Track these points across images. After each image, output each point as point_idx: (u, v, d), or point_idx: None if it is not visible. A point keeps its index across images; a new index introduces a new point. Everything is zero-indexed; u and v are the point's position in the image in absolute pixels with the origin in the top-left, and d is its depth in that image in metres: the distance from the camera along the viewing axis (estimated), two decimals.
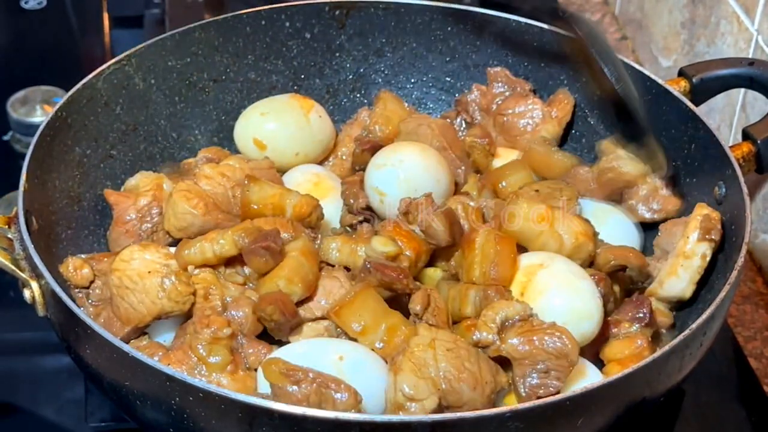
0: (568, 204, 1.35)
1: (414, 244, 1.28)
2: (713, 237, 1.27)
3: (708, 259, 1.28)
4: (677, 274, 1.29)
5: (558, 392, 1.14)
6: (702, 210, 1.30)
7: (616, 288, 1.31)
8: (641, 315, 1.26)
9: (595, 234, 1.31)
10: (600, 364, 1.25)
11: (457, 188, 1.43)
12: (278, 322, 1.21)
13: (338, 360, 1.16)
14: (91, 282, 1.29)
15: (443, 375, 1.13)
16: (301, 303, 1.25)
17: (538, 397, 1.13)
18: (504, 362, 1.19)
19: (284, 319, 1.21)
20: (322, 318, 1.25)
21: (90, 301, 1.28)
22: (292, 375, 1.11)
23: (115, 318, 1.24)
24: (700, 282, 1.30)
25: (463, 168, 1.44)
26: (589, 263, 1.30)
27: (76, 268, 1.28)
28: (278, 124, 1.48)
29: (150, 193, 1.37)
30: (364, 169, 1.42)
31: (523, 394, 1.15)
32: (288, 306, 1.22)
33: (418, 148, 1.40)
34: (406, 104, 1.57)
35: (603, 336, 1.25)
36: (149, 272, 1.22)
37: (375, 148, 1.44)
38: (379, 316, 1.21)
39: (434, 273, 1.32)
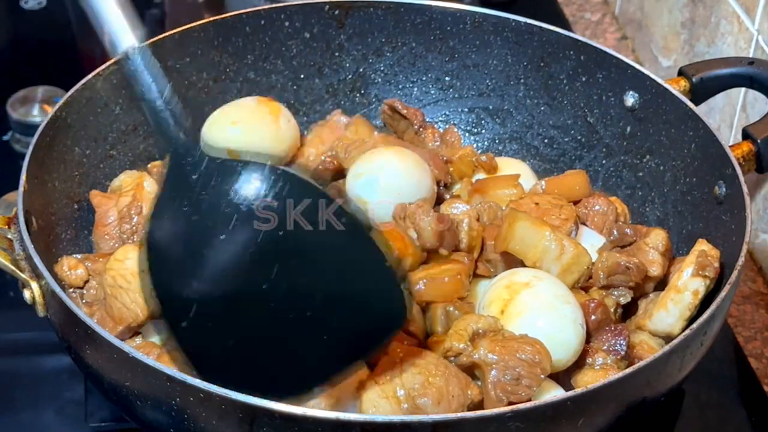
0: (563, 224, 1.35)
1: (400, 244, 1.27)
2: (708, 274, 1.23)
3: (701, 296, 1.24)
4: (666, 308, 1.25)
5: (528, 400, 1.13)
6: (701, 246, 1.26)
7: (618, 310, 1.30)
8: (618, 347, 1.23)
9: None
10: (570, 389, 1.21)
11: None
12: None
13: None
14: (86, 282, 1.28)
15: (407, 393, 1.12)
16: None
17: (509, 403, 1.12)
18: (476, 377, 1.18)
19: None
20: None
21: (84, 301, 1.28)
22: None
23: (108, 318, 1.24)
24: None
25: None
26: (586, 280, 1.29)
27: (70, 267, 1.27)
28: (251, 134, 1.47)
29: (130, 192, 1.36)
30: (336, 179, 1.42)
31: (495, 398, 1.14)
32: None
33: (395, 152, 1.39)
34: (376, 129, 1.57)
35: (577, 363, 1.22)
36: (143, 271, 1.22)
37: (336, 170, 1.45)
38: None
39: None
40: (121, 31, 1.10)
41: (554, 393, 1.17)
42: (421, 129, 1.55)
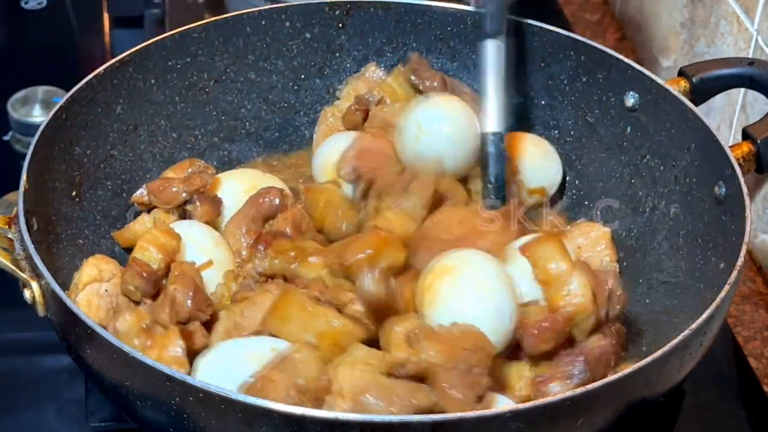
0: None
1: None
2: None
3: None
4: None
5: (487, 386, 1.13)
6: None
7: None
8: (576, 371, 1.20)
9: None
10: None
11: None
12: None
13: (270, 351, 1.16)
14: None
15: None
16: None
17: (479, 397, 1.12)
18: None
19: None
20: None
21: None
22: None
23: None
24: (701, 279, 1.28)
25: None
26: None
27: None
28: None
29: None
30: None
31: (462, 398, 1.11)
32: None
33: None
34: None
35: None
36: None
37: (366, 113, 1.48)
38: (306, 320, 1.19)
39: None
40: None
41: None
42: None
